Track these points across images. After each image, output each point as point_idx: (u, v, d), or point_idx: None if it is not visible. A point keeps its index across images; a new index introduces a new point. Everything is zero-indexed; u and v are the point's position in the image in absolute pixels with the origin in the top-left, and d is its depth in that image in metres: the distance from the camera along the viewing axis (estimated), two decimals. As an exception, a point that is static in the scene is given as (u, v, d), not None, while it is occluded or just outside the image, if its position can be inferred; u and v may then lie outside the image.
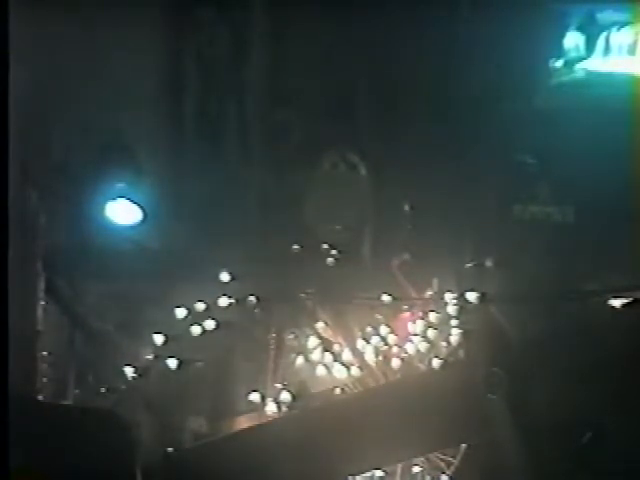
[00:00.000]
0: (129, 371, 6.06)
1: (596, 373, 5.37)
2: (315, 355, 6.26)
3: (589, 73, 7.23)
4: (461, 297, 5.91)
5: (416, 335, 6.16)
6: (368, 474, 5.92)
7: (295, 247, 6.65)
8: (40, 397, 6.07)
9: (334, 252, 6.65)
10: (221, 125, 7.22)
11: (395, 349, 6.17)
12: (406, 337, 6.20)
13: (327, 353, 6.22)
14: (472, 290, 5.88)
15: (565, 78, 7.26)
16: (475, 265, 6.50)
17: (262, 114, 7.23)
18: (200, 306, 6.21)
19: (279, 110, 7.20)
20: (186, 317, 6.21)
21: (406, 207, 6.85)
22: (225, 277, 6.33)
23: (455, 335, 6.05)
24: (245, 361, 6.48)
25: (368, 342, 6.18)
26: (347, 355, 6.21)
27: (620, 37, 7.12)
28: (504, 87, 6.89)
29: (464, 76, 6.80)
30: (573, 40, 7.24)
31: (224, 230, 6.72)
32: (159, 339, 6.14)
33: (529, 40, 6.88)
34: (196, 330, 6.17)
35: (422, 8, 6.62)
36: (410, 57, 6.85)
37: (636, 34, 7.06)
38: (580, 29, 7.23)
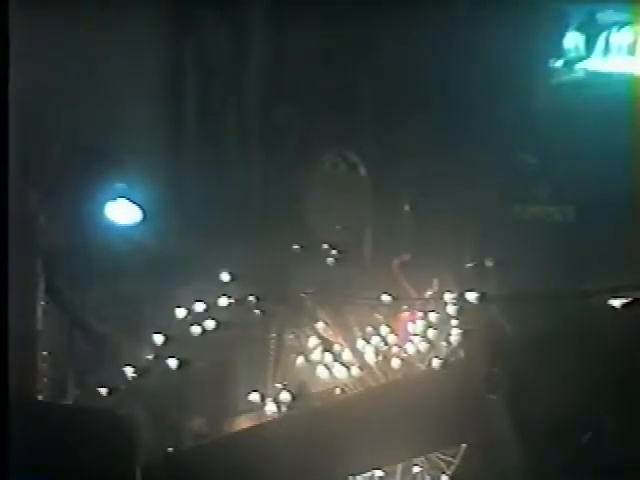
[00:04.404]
0: (129, 371, 6.06)
1: (596, 373, 5.37)
2: (315, 355, 6.26)
3: (589, 73, 7.24)
4: (461, 297, 5.91)
5: (416, 335, 6.17)
6: (368, 474, 5.92)
7: (295, 247, 6.65)
8: (40, 397, 6.06)
9: (334, 252, 6.65)
10: (221, 125, 7.21)
11: (395, 349, 6.17)
12: (406, 337, 6.21)
13: (327, 353, 6.22)
14: (472, 290, 5.88)
15: (565, 78, 7.26)
16: (475, 265, 6.50)
17: (262, 114, 7.22)
18: (200, 306, 6.22)
19: (279, 110, 7.19)
20: (186, 317, 6.21)
21: (406, 207, 6.85)
22: (225, 277, 6.34)
23: (455, 335, 6.05)
24: (245, 361, 6.47)
25: (368, 342, 6.19)
26: (347, 355, 6.21)
27: (620, 37, 7.12)
28: (504, 87, 6.88)
29: (464, 76, 6.80)
30: (573, 40, 7.25)
31: (224, 230, 6.71)
32: (159, 339, 6.14)
33: (529, 40, 6.88)
34: (196, 330, 6.17)
35: (421, 7, 6.62)
36: (410, 57, 6.84)
37: (636, 34, 7.06)
38: (580, 29, 7.23)
